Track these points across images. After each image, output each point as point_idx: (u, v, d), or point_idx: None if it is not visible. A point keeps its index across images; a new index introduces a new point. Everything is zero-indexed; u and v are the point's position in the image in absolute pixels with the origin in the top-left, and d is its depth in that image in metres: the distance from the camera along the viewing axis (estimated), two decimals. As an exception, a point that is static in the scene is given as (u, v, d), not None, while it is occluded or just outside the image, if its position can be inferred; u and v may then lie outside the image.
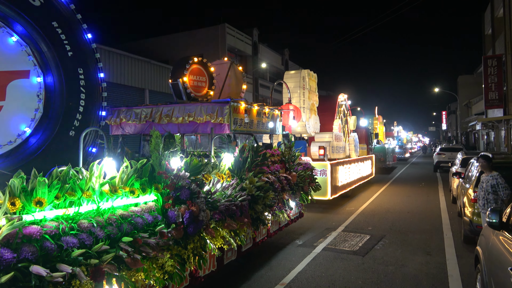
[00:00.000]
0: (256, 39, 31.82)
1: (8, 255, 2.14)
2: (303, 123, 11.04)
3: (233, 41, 28.45)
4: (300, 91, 11.29)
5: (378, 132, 25.06)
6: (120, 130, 6.78)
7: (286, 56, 37.76)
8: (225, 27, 27.39)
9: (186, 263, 3.38)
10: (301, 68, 12.31)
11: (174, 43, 27.83)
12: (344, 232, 7.73)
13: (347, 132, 14.25)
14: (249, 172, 5.13)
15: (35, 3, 4.51)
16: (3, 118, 4.28)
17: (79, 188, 2.90)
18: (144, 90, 18.81)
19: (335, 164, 10.54)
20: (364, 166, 14.49)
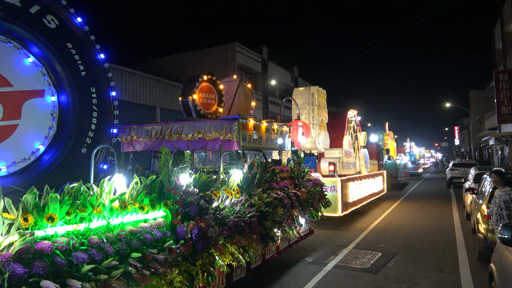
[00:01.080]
0: (266, 56, 32.21)
1: (20, 270, 2.18)
2: (312, 139, 11.05)
3: (243, 59, 28.84)
4: (309, 107, 11.34)
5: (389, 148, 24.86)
6: (131, 147, 6.88)
7: (295, 73, 38.05)
8: (235, 45, 27.83)
9: (195, 279, 3.38)
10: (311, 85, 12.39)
11: (184, 62, 28.32)
12: (356, 249, 7.62)
13: (357, 148, 14.18)
14: (258, 188, 5.14)
15: (50, 26, 4.69)
16: (18, 136, 4.40)
17: (89, 204, 2.95)
18: (155, 107, 19.11)
19: (346, 180, 10.47)
20: (375, 182, 14.35)
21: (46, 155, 4.63)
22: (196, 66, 26.88)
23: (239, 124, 5.88)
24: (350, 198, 10.78)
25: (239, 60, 28.34)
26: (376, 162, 17.05)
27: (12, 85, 4.39)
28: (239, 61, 28.26)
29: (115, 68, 16.02)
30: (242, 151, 6.34)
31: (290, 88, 34.73)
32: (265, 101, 31.27)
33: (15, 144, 4.39)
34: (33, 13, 4.52)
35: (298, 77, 38.72)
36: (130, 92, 17.35)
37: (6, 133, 4.30)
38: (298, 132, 9.71)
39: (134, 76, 17.72)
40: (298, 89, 12.05)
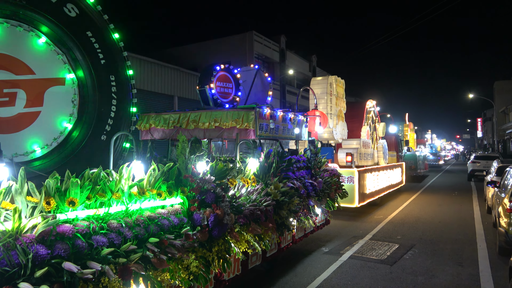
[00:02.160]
0: (284, 46, 31.91)
1: (43, 251, 2.25)
2: (330, 129, 10.95)
3: (260, 48, 28.67)
4: (327, 97, 11.22)
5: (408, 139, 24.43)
6: (149, 135, 6.97)
7: (313, 62, 37.62)
8: (253, 34, 27.66)
9: (211, 265, 3.43)
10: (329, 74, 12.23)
11: (202, 51, 28.35)
12: (372, 241, 7.57)
13: (376, 139, 13.99)
14: (274, 178, 5.14)
15: (71, 14, 4.75)
16: (40, 123, 4.52)
17: (109, 190, 3.01)
18: (173, 97, 19.26)
19: (363, 171, 10.36)
20: (393, 173, 14.16)
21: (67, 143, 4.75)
22: (213, 55, 26.88)
23: (256, 113, 5.87)
24: (367, 189, 10.68)
25: (257, 49, 28.17)
26: (395, 153, 16.79)
27: (35, 73, 4.50)
28: (256, 50, 28.11)
29: (134, 57, 16.17)
30: (258, 140, 6.34)
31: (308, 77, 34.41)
32: (282, 91, 31.09)
33: (37, 131, 4.52)
34: (54, 2, 4.59)
35: (317, 66, 38.28)
36: (148, 81, 17.52)
37: (30, 120, 4.43)
38: (316, 122, 9.63)
39: (153, 65, 17.86)
40: (316, 79, 11.92)
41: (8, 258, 2.11)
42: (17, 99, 4.34)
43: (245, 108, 6.04)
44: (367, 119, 13.11)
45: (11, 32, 4.38)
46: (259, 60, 29.16)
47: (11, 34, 4.37)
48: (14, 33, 4.39)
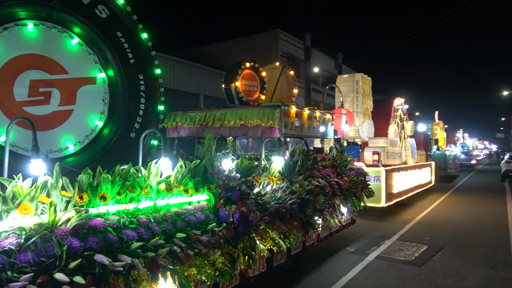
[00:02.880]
0: (309, 43, 31.66)
1: (77, 244, 2.34)
2: (356, 127, 10.79)
3: (285, 46, 28.56)
4: (353, 95, 11.05)
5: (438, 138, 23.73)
6: (176, 133, 7.11)
7: (339, 60, 37.13)
8: (278, 32, 27.59)
9: (236, 261, 3.46)
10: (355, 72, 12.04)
11: (228, 50, 28.54)
12: (399, 241, 7.41)
13: (404, 137, 13.67)
14: (299, 176, 5.12)
15: (102, 15, 4.91)
16: (72, 121, 4.70)
17: (138, 186, 3.09)
18: (199, 95, 19.49)
19: (390, 171, 10.15)
20: (422, 173, 13.80)
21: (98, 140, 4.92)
22: (239, 54, 27.01)
23: (281, 111, 5.86)
24: (395, 189, 10.46)
25: (282, 47, 28.09)
26: (424, 152, 16.35)
27: (68, 73, 4.68)
28: (281, 48, 28.02)
29: (161, 56, 16.48)
30: (283, 138, 6.33)
31: (334, 75, 34.01)
32: (307, 89, 30.87)
33: (70, 128, 4.70)
34: (86, 4, 4.75)
35: (342, 64, 37.76)
36: (175, 79, 17.81)
37: (63, 118, 4.61)
38: (342, 120, 9.52)
39: (179, 64, 18.13)
40: (342, 76, 11.77)
41: (44, 250, 2.21)
42: (52, 98, 4.53)
43: (270, 106, 6.05)
44: (395, 117, 12.83)
45: (46, 34, 4.57)
46: (284, 58, 29.06)
47: (46, 36, 4.56)
48: (49, 35, 4.58)
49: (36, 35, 4.47)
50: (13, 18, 4.22)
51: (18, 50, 4.30)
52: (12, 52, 4.25)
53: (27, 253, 2.15)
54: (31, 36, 4.44)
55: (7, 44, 4.23)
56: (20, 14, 4.25)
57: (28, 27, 4.40)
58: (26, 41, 4.38)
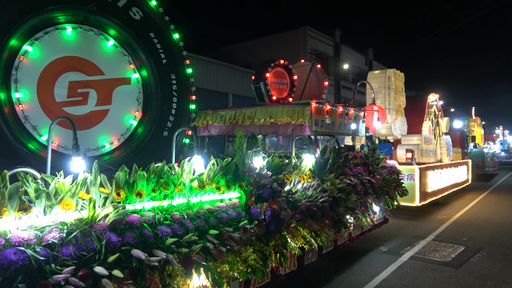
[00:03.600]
0: (338, 40, 31.20)
1: (115, 239, 2.42)
2: (388, 125, 10.53)
3: (314, 43, 28.28)
4: (385, 91, 10.80)
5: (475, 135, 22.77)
6: (206, 132, 7.20)
7: (370, 56, 36.36)
8: (306, 29, 27.35)
9: (268, 259, 3.47)
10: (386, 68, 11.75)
11: (255, 48, 28.59)
12: (434, 242, 7.18)
13: (438, 134, 13.21)
14: (330, 174, 5.06)
15: (135, 17, 5.05)
16: (109, 121, 4.87)
17: (172, 183, 3.16)
18: (227, 94, 19.66)
19: (425, 169, 9.85)
20: (458, 171, 13.29)
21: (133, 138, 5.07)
22: (267, 52, 27.00)
23: (311, 108, 5.81)
24: (429, 188, 10.14)
25: (311, 44, 27.83)
26: (460, 150, 15.73)
27: (104, 74, 4.85)
28: (310, 45, 27.77)
29: (190, 56, 16.72)
30: (314, 136, 6.27)
31: (364, 72, 33.34)
32: (337, 86, 30.44)
33: (106, 128, 4.87)
34: (120, 6, 4.90)
35: (373, 60, 36.94)
36: (203, 79, 18.05)
37: (100, 117, 4.79)
38: (373, 117, 9.32)
39: (208, 64, 18.35)
40: (374, 72, 11.51)
41: (84, 244, 2.29)
42: (89, 98, 4.71)
43: (301, 104, 6.01)
44: (429, 114, 12.42)
45: (83, 36, 4.75)
46: (312, 55, 28.78)
47: (83, 38, 4.74)
48: (86, 37, 4.77)
49: (74, 38, 4.66)
50: (53, 22, 4.42)
51: (58, 53, 4.50)
52: (52, 55, 4.45)
53: (69, 247, 2.24)
54: (70, 39, 4.63)
55: (48, 48, 4.43)
56: (59, 18, 4.45)
57: (67, 31, 4.60)
58: (65, 44, 4.58)
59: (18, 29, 4.06)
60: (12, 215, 2.21)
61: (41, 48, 4.38)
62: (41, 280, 2.00)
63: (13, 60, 4.12)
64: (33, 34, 4.27)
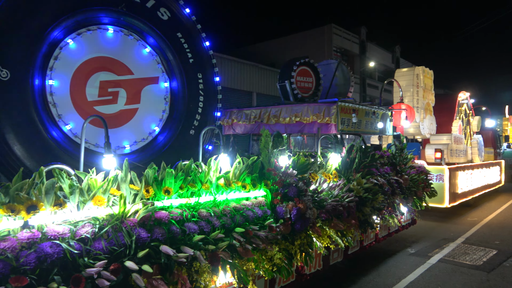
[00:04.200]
0: (364, 37, 30.67)
1: (144, 234, 2.48)
2: (416, 123, 10.28)
3: (339, 41, 27.92)
4: (413, 89, 10.54)
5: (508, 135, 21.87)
6: (231, 130, 7.25)
7: (397, 53, 35.55)
8: (332, 27, 27.04)
9: (293, 258, 3.46)
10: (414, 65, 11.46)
11: (280, 47, 28.51)
12: (465, 244, 6.95)
13: (469, 134, 12.78)
14: (356, 173, 5.00)
15: (163, 18, 5.14)
16: (138, 119, 4.99)
17: (199, 181, 3.20)
18: (251, 93, 19.71)
19: (454, 169, 9.55)
20: (490, 172, 12.81)
21: (160, 136, 5.18)
22: (291, 51, 26.87)
23: (337, 107, 5.75)
24: (459, 189, 9.82)
25: (336, 42, 27.50)
26: (492, 150, 15.15)
27: (133, 73, 4.97)
28: (335, 43, 27.44)
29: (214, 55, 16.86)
30: (340, 135, 6.20)
31: (391, 69, 32.65)
32: (362, 84, 29.93)
33: (135, 126, 4.99)
34: (149, 7, 5.01)
35: (400, 57, 36.10)
36: (228, 78, 18.16)
37: (129, 116, 4.91)
38: (401, 116, 9.11)
39: (232, 63, 18.45)
40: (401, 70, 11.26)
41: (116, 239, 2.36)
42: (119, 97, 4.84)
43: (326, 103, 5.95)
44: (459, 113, 12.03)
45: (114, 37, 4.89)
46: (337, 53, 28.42)
47: (113, 39, 4.87)
48: (116, 38, 4.90)
49: (105, 38, 4.80)
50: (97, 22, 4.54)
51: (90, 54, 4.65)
52: (89, 53, 4.59)
53: (101, 241, 2.31)
54: (101, 40, 4.77)
55: (81, 48, 4.59)
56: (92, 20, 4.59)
57: (99, 32, 4.74)
58: (97, 44, 4.73)
59: (53, 31, 4.21)
60: (48, 209, 2.30)
61: (74, 48, 4.53)
62: (75, 273, 2.07)
63: (48, 60, 4.28)
64: (67, 35, 4.43)
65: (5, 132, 3.79)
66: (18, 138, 3.86)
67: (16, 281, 1.85)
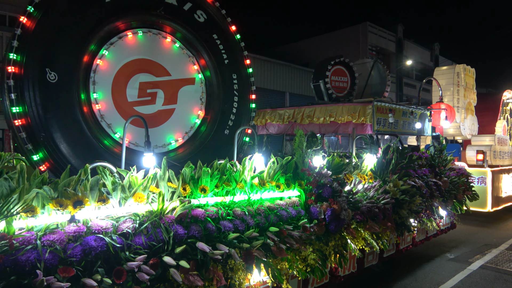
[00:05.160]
0: (401, 35, 29.80)
1: (181, 231, 2.55)
2: (457, 124, 9.87)
3: (375, 39, 27.30)
4: (453, 88, 10.13)
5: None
6: (265, 130, 7.29)
7: (436, 50, 34.27)
8: (367, 25, 26.48)
9: (327, 259, 3.43)
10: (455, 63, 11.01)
11: (313, 46, 28.25)
12: (509, 251, 6.61)
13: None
14: (393, 175, 4.88)
15: (200, 20, 5.26)
16: (175, 118, 5.14)
17: (234, 180, 3.25)
18: (284, 93, 19.68)
19: (498, 172, 9.09)
20: (537, 176, 12.07)
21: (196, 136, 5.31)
22: (325, 50, 26.55)
23: (373, 107, 5.64)
24: (503, 193, 9.34)
25: (371, 40, 26.91)
26: (540, 152, 14.27)
27: (171, 74, 5.12)
28: (370, 41, 26.86)
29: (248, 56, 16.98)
30: (376, 135, 6.08)
31: (429, 68, 31.53)
32: (399, 83, 29.10)
33: (172, 126, 5.14)
34: (186, 10, 5.14)
35: (439, 55, 34.76)
36: (261, 78, 18.23)
37: (166, 116, 5.07)
38: (441, 116, 8.78)
39: (265, 63, 18.51)
40: (441, 68, 10.85)
41: (154, 234, 2.45)
42: (157, 98, 5.00)
43: (362, 102, 5.86)
44: (504, 112, 11.43)
45: (152, 39, 5.06)
46: (373, 52, 27.80)
47: (152, 41, 5.05)
48: (154, 40, 5.07)
49: (144, 41, 4.98)
50: (126, 27, 4.75)
51: (129, 56, 4.84)
52: (125, 58, 4.80)
53: (141, 236, 2.40)
54: (140, 42, 4.96)
55: (121, 51, 4.79)
56: (132, 23, 4.77)
57: (138, 35, 4.92)
58: (136, 47, 4.91)
59: (96, 35, 4.43)
60: (93, 205, 2.43)
61: (116, 52, 4.73)
62: (117, 266, 2.17)
63: (91, 63, 4.50)
64: (109, 39, 4.64)
65: (53, 131, 4.02)
66: (65, 137, 4.09)
67: (64, 272, 1.96)
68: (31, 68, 3.97)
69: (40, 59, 4.02)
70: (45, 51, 4.05)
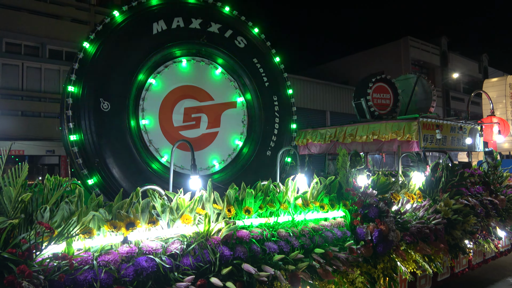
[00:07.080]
0: (445, 47, 28.81)
1: (227, 252, 2.59)
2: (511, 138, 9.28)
3: (417, 53, 26.59)
4: (506, 100, 9.58)
5: None
6: (306, 150, 7.27)
7: (484, 62, 32.69)
8: (408, 39, 25.90)
9: (376, 283, 3.32)
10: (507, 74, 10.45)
11: (353, 64, 27.99)
12: None
13: None
14: (443, 193, 4.66)
15: (240, 45, 5.46)
16: (218, 142, 5.29)
17: (277, 201, 3.26)
18: (325, 112, 19.55)
19: None
20: None
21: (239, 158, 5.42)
22: (366, 67, 26.21)
23: (418, 123, 5.47)
24: None
25: (413, 55, 26.23)
26: None
27: (214, 99, 5.33)
28: (413, 56, 26.17)
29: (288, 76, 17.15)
30: (423, 152, 5.86)
31: (477, 80, 30.06)
32: (445, 97, 27.95)
33: (215, 148, 5.29)
34: (227, 37, 5.36)
35: (489, 66, 33.10)
36: (301, 97, 18.27)
37: (210, 139, 5.25)
38: (493, 130, 8.32)
39: (305, 83, 18.57)
40: (490, 80, 10.35)
41: (202, 256, 2.50)
42: (201, 122, 5.20)
43: (406, 119, 5.70)
44: None
45: (196, 67, 5.31)
46: (416, 67, 27.04)
47: (195, 68, 5.30)
48: (198, 67, 5.32)
49: (188, 69, 5.24)
50: (172, 56, 5.04)
51: (175, 83, 5.11)
52: (171, 85, 5.07)
53: (189, 257, 2.46)
54: (185, 70, 5.22)
55: (167, 79, 5.06)
56: (176, 52, 5.05)
57: (183, 63, 5.19)
58: (181, 75, 5.17)
59: (144, 65, 4.73)
60: (144, 226, 2.54)
61: (162, 80, 5.01)
62: (167, 286, 2.24)
63: (140, 92, 4.80)
64: (156, 68, 4.93)
65: (106, 156, 4.29)
66: (116, 162, 4.34)
67: (118, 291, 2.05)
68: (87, 99, 4.30)
69: (94, 90, 4.36)
70: (99, 82, 4.40)
